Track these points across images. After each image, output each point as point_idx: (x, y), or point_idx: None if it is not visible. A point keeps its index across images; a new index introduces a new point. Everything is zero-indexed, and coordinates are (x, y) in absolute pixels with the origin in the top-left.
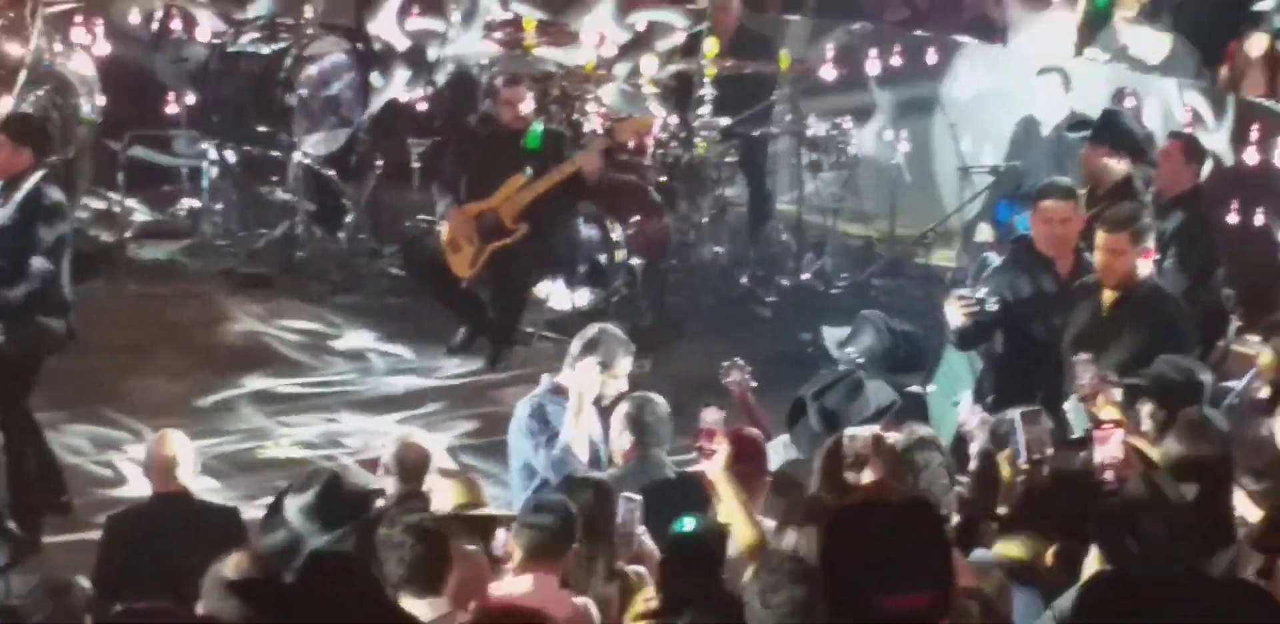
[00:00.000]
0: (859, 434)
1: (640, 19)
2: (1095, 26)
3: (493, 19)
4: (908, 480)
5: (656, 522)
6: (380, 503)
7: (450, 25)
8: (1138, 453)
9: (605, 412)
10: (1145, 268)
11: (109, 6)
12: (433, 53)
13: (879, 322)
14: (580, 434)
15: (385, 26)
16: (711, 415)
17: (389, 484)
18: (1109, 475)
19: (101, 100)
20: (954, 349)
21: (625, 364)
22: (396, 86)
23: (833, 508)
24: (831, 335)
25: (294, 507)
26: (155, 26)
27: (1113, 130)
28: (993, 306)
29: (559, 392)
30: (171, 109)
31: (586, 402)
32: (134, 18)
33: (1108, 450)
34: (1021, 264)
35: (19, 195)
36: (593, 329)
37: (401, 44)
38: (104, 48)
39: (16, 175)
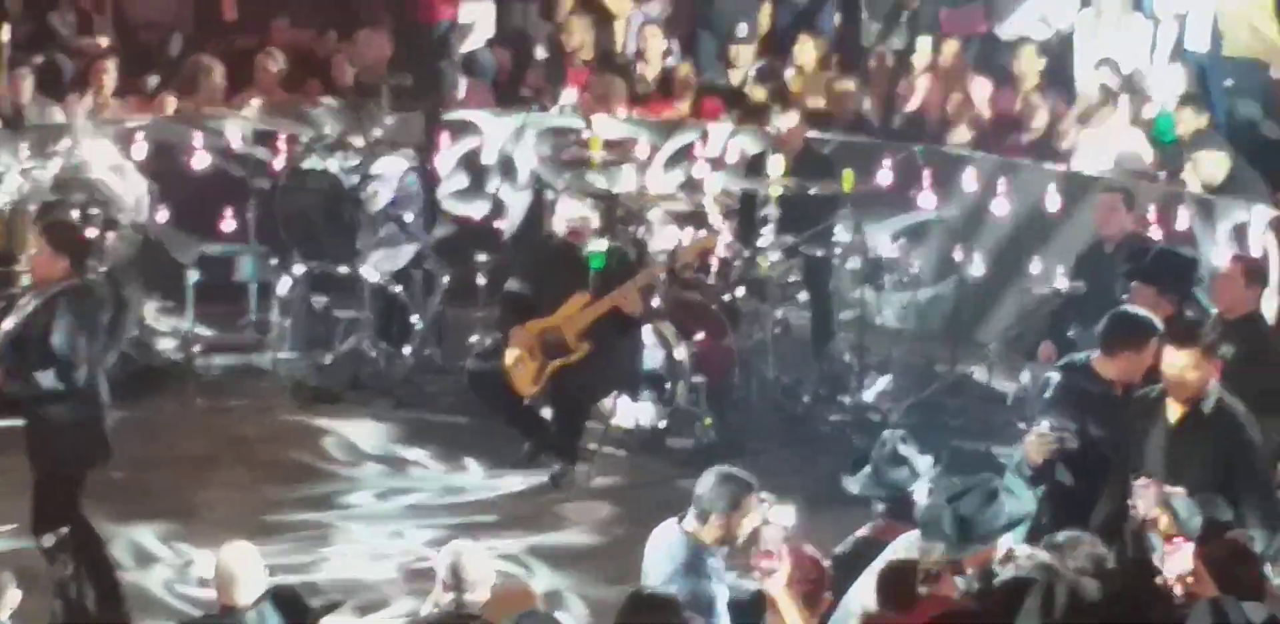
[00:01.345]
0: (935, 548)
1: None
2: (1159, 147)
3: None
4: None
5: None
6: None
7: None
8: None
9: None
10: (1213, 382)
11: (204, 122)
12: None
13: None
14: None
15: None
16: (771, 533)
17: (446, 598)
18: (1179, 590)
19: (149, 215)
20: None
21: (752, 501)
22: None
23: None
24: (851, 484)
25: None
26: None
27: (1162, 271)
28: (1072, 443)
29: (697, 543)
30: (238, 224)
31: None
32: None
33: (1178, 564)
34: (1079, 388)
35: (42, 302)
36: (710, 477)
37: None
38: (204, 161)
39: (52, 282)
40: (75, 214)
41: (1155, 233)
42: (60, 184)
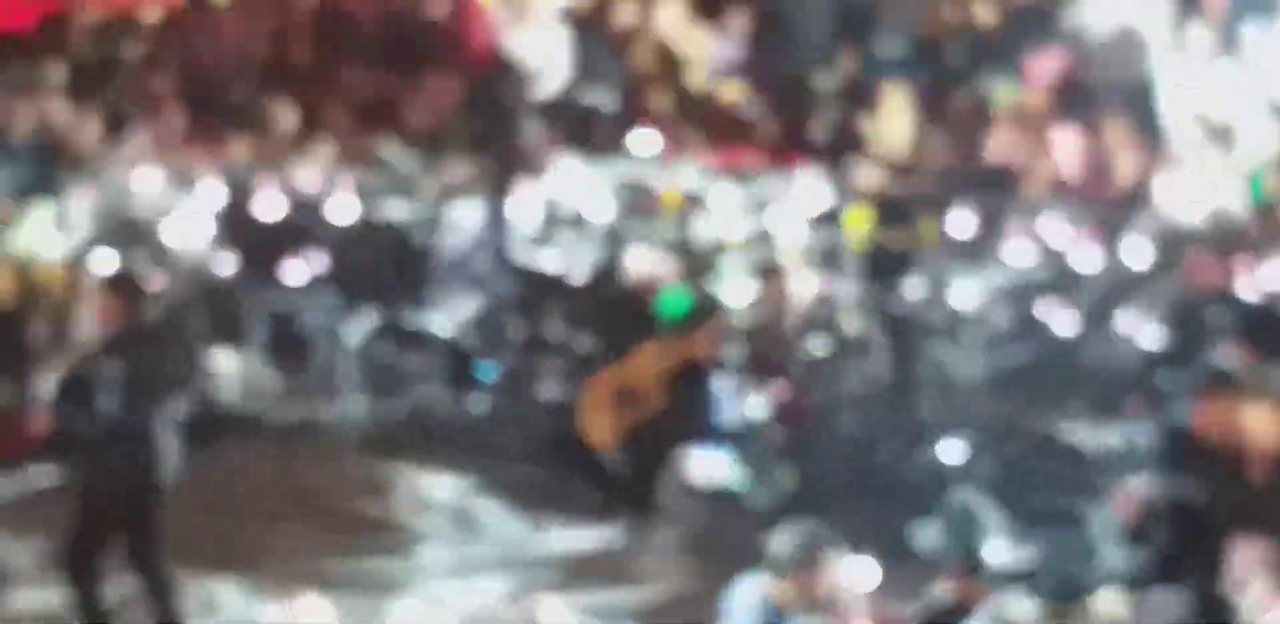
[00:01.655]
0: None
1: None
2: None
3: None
4: None
5: None
6: None
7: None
8: None
9: None
10: None
11: (272, 167)
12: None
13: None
14: None
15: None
16: (851, 592)
17: None
18: None
19: (213, 261)
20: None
21: (830, 559)
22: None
23: None
24: (922, 540)
25: None
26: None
27: (1254, 326)
28: (1164, 501)
29: (775, 601)
30: (310, 271)
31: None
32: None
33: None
34: (1173, 444)
35: (98, 347)
36: (786, 534)
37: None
38: (272, 208)
39: (110, 327)
40: (131, 259)
41: (1245, 286)
42: (114, 227)
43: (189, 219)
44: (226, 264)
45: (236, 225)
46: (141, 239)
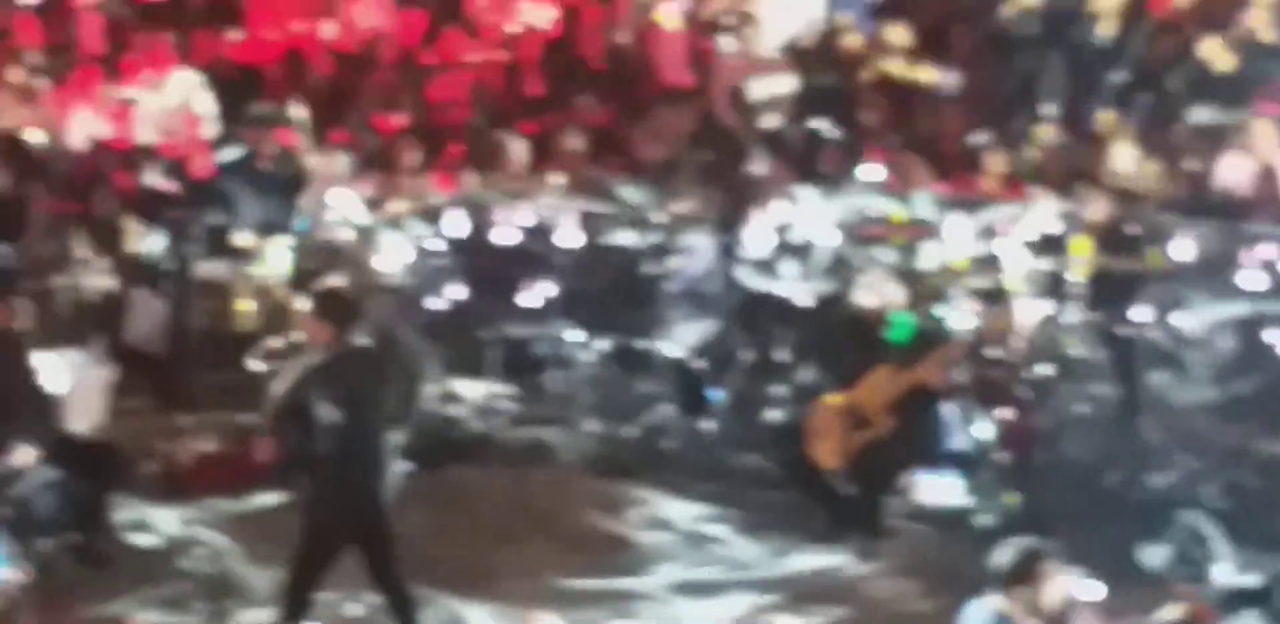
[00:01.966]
0: None
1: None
2: None
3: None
4: None
5: None
6: None
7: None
8: None
9: None
10: None
11: (505, 198)
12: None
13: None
14: None
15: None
16: (1082, 611)
17: None
18: None
19: (438, 284)
20: None
21: (1051, 570)
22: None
23: None
24: (1151, 560)
25: None
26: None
27: None
28: None
29: (1005, 618)
30: (540, 298)
31: None
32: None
33: None
34: None
35: (309, 371)
36: (1006, 548)
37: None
38: (505, 236)
39: (321, 350)
40: (341, 281)
41: None
42: (317, 249)
43: (420, 246)
44: (461, 290)
45: (472, 252)
46: (356, 264)
